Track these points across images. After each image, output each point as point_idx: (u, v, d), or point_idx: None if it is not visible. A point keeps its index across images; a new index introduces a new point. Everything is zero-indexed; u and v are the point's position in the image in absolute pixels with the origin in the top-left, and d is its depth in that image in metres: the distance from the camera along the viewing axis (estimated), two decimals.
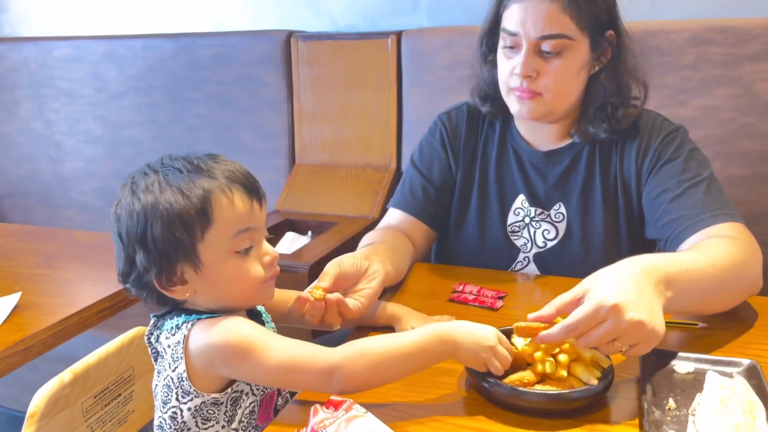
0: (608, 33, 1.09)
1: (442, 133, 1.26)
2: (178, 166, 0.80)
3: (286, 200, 2.00)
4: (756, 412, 0.69)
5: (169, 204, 0.76)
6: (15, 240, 1.47)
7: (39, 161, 2.42)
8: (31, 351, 1.01)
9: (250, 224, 0.79)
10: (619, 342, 0.74)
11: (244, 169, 0.82)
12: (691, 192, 1.06)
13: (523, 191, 1.20)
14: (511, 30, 1.08)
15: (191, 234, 0.76)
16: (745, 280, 0.96)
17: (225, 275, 0.79)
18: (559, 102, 1.11)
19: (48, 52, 2.34)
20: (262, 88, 2.08)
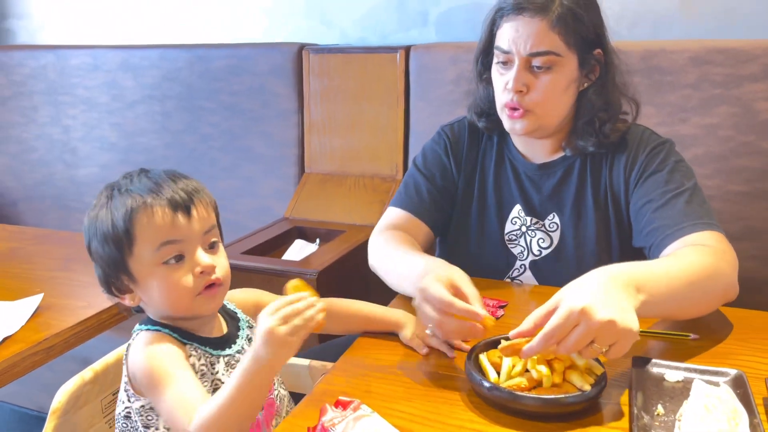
0: (596, 51, 1.15)
1: (446, 144, 1.31)
2: (122, 184, 0.87)
3: (295, 208, 2.05)
4: (739, 419, 0.73)
5: (101, 222, 0.85)
6: (34, 243, 1.53)
7: (55, 166, 2.48)
8: (54, 350, 1.05)
9: (172, 236, 0.83)
10: (597, 343, 0.78)
11: (185, 186, 0.86)
12: (674, 202, 1.10)
13: (519, 201, 1.25)
14: (503, 48, 1.14)
15: (120, 249, 0.84)
16: (718, 286, 1.00)
17: (156, 286, 0.85)
18: (549, 116, 1.16)
19: (66, 60, 2.41)
20: (274, 99, 2.13)
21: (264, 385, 0.77)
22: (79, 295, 1.21)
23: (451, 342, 0.98)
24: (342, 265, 1.66)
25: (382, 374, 0.92)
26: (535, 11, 1.10)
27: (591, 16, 1.13)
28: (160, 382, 0.80)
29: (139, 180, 0.86)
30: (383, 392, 0.87)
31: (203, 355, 0.87)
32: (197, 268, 0.85)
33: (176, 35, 2.45)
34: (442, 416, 0.81)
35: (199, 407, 0.76)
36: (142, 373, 0.83)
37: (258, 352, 0.74)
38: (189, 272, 0.84)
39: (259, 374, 0.75)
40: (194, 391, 0.79)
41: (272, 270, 1.60)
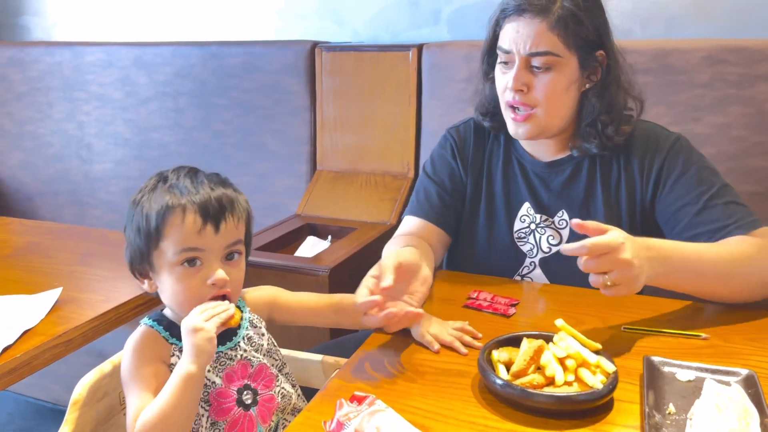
0: (598, 53, 1.16)
1: (453, 147, 1.34)
2: (169, 178, 0.91)
3: (307, 205, 2.06)
4: (750, 419, 0.74)
5: (140, 211, 0.89)
6: (51, 237, 1.55)
7: (70, 161, 2.51)
8: (73, 343, 1.07)
9: (195, 244, 0.88)
10: (609, 275, 0.92)
11: (220, 195, 0.90)
12: (712, 205, 1.13)
13: (528, 199, 1.27)
14: (504, 48, 1.16)
15: (148, 242, 0.89)
16: (756, 273, 1.05)
17: (169, 282, 0.90)
18: (550, 117, 1.17)
19: (81, 56, 2.43)
20: (287, 97, 2.15)
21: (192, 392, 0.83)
22: (97, 289, 1.23)
23: (462, 339, 0.99)
24: (354, 262, 1.67)
25: (396, 370, 0.93)
26: (536, 12, 1.12)
27: (593, 17, 1.14)
28: (129, 383, 0.88)
29: (184, 179, 0.90)
30: (397, 388, 0.88)
31: None
32: (209, 280, 0.89)
33: (189, 32, 2.47)
34: (455, 412, 0.82)
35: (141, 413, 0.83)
36: (123, 368, 0.90)
37: (181, 361, 0.82)
38: (202, 280, 0.89)
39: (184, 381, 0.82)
40: (144, 401, 0.85)
41: (285, 266, 1.62)
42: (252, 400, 0.93)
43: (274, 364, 0.99)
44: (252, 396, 0.93)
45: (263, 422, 0.93)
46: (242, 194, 0.96)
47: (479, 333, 1.02)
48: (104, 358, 1.01)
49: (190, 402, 0.83)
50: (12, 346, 1.00)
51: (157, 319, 0.93)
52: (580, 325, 1.04)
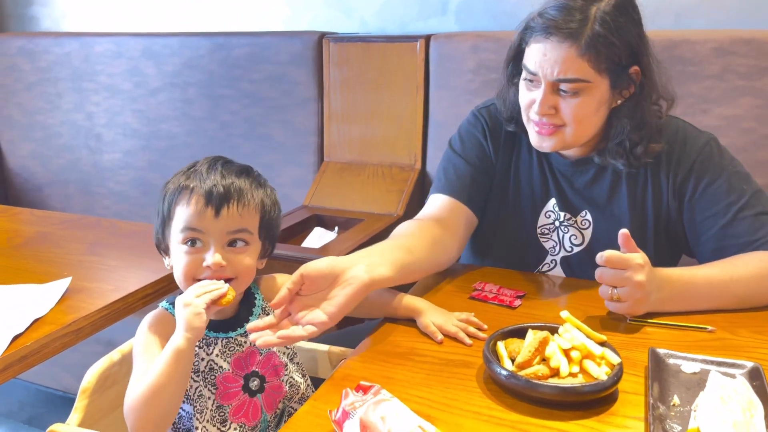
0: (632, 69, 1.09)
1: (484, 126, 1.27)
2: (196, 165, 0.96)
3: (314, 196, 2.07)
4: (754, 411, 0.74)
5: (163, 192, 0.96)
6: (61, 227, 1.56)
7: (79, 152, 2.52)
8: (83, 332, 1.08)
9: (195, 225, 0.92)
10: (617, 290, 0.98)
11: (230, 183, 0.93)
12: (742, 216, 1.10)
13: (554, 195, 1.23)
14: (530, 69, 1.09)
15: (163, 221, 0.95)
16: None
17: (174, 260, 0.95)
18: (578, 137, 1.12)
19: (90, 47, 2.44)
20: (294, 87, 2.15)
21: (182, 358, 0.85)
22: (106, 278, 1.24)
23: (467, 330, 1.00)
24: None
25: (401, 360, 0.94)
26: (564, 36, 1.04)
27: (627, 35, 1.06)
28: (138, 356, 0.91)
29: (203, 165, 0.95)
30: (402, 378, 0.89)
31: (203, 337, 0.93)
32: (205, 262, 0.92)
33: (197, 23, 2.47)
34: (460, 402, 0.83)
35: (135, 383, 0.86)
36: (134, 344, 0.93)
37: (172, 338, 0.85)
38: (200, 260, 0.92)
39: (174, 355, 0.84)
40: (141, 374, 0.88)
41: (292, 257, 1.63)
42: (259, 387, 0.94)
43: (285, 353, 1.00)
44: (259, 383, 0.95)
45: (268, 410, 0.94)
46: (266, 188, 0.99)
47: (484, 324, 1.02)
48: (114, 346, 1.03)
49: (178, 376, 0.85)
50: (22, 334, 1.01)
51: (172, 302, 0.95)
52: (585, 316, 1.05)
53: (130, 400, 0.85)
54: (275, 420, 0.97)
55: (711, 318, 1.03)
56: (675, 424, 0.76)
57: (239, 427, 0.91)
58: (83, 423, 0.93)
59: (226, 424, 0.90)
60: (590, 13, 1.04)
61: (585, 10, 1.04)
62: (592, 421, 0.78)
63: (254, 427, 0.92)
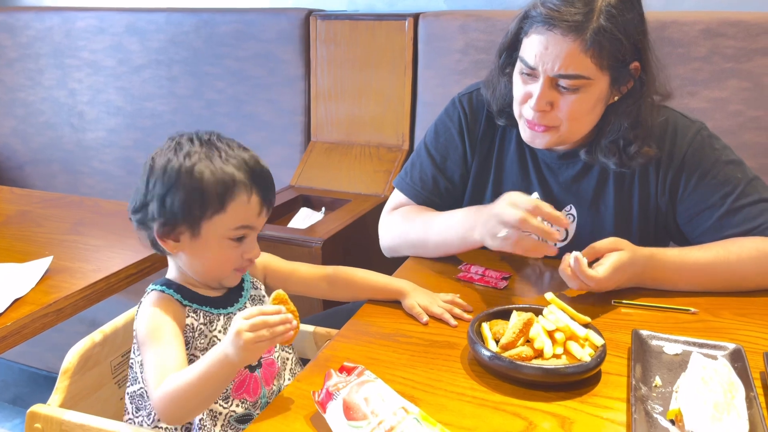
0: (633, 65, 1.05)
1: (461, 119, 1.23)
2: (221, 147, 0.88)
3: (301, 176, 2.05)
4: (735, 392, 0.75)
5: (200, 177, 0.85)
6: (43, 206, 1.54)
7: (62, 129, 2.48)
8: (64, 312, 1.07)
9: (252, 223, 0.89)
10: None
11: (269, 172, 0.90)
12: (738, 206, 1.08)
13: (537, 188, 1.19)
14: (528, 63, 1.04)
15: (203, 210, 0.86)
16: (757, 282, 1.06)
17: (211, 252, 0.89)
18: (572, 134, 1.09)
19: (72, 22, 2.39)
20: (280, 66, 2.12)
21: (226, 376, 0.79)
22: (88, 258, 1.23)
23: (452, 311, 0.99)
24: (347, 234, 1.67)
25: (386, 341, 0.94)
26: (568, 29, 0.99)
27: (631, 31, 1.01)
28: (147, 342, 0.85)
29: (239, 149, 0.88)
30: (386, 359, 0.89)
31: (203, 315, 0.91)
32: (247, 254, 0.90)
33: None
34: (444, 383, 0.83)
35: (169, 376, 0.80)
36: (140, 330, 0.88)
37: (225, 348, 0.77)
38: (240, 253, 0.90)
39: (222, 367, 0.77)
40: (172, 360, 0.83)
41: (278, 237, 1.62)
42: (257, 362, 0.94)
43: None
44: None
45: (266, 384, 0.94)
46: None
47: (470, 306, 1.02)
48: (97, 326, 1.02)
49: (220, 383, 0.81)
50: (2, 314, 1.00)
51: (165, 284, 0.92)
52: (569, 298, 1.05)
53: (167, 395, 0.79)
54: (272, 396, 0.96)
55: (694, 300, 1.04)
56: (657, 405, 0.76)
57: (241, 404, 0.90)
58: (64, 404, 0.93)
59: (229, 400, 0.90)
60: (596, 5, 0.99)
61: (590, 2, 0.99)
62: (575, 402, 0.79)
63: (255, 403, 0.92)
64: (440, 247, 1.17)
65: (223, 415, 0.89)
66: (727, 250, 1.06)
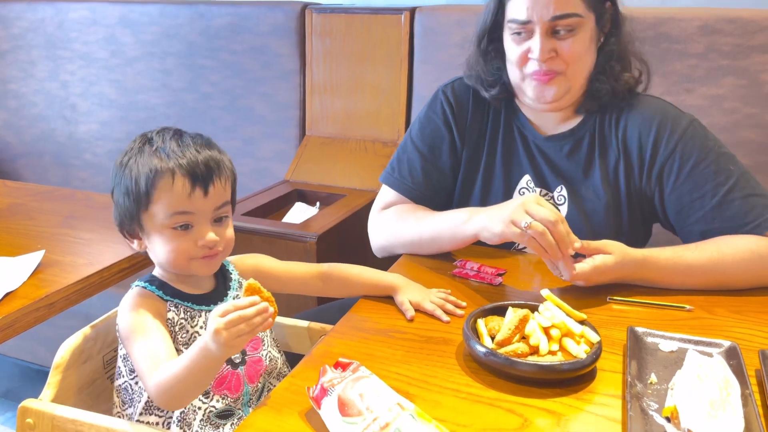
0: (607, 5, 1.14)
1: (445, 110, 1.24)
2: (153, 140, 0.91)
3: (296, 171, 2.04)
4: (731, 389, 0.75)
5: (129, 173, 0.89)
6: (35, 199, 1.52)
7: (54, 122, 2.46)
8: (55, 306, 1.06)
9: (185, 208, 0.88)
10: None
11: (207, 158, 0.89)
12: (730, 198, 1.08)
13: (528, 171, 1.21)
14: (520, 18, 1.09)
15: (138, 203, 0.89)
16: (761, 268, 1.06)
17: (160, 243, 0.90)
18: (576, 78, 1.13)
19: (65, 14, 2.37)
20: (276, 59, 2.10)
21: (212, 368, 0.80)
22: (80, 252, 1.21)
23: (444, 307, 0.99)
24: (342, 229, 1.66)
25: (381, 337, 0.93)
26: None
27: None
28: (132, 335, 0.87)
29: (170, 141, 0.90)
30: (381, 355, 0.88)
31: (184, 310, 0.92)
32: (200, 241, 0.89)
33: None
34: (439, 379, 0.82)
35: (162, 365, 0.82)
36: (123, 326, 0.89)
37: (207, 343, 0.77)
38: (192, 241, 0.89)
39: (206, 360, 0.78)
40: (160, 348, 0.85)
41: (273, 232, 1.61)
42: (240, 360, 0.94)
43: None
44: (241, 356, 0.94)
45: (250, 382, 0.94)
46: (226, 155, 0.95)
47: (463, 302, 1.02)
48: (90, 321, 1.01)
49: (208, 374, 0.82)
50: None
51: (148, 280, 0.94)
52: (565, 295, 1.05)
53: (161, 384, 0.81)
54: (257, 394, 0.96)
55: (689, 297, 1.04)
56: (652, 402, 0.76)
57: (222, 399, 0.91)
58: (56, 398, 0.92)
59: (209, 395, 0.90)
60: None
61: None
62: (570, 399, 0.79)
63: (237, 399, 0.92)
64: (433, 243, 1.17)
65: (203, 410, 0.90)
66: (721, 251, 1.05)
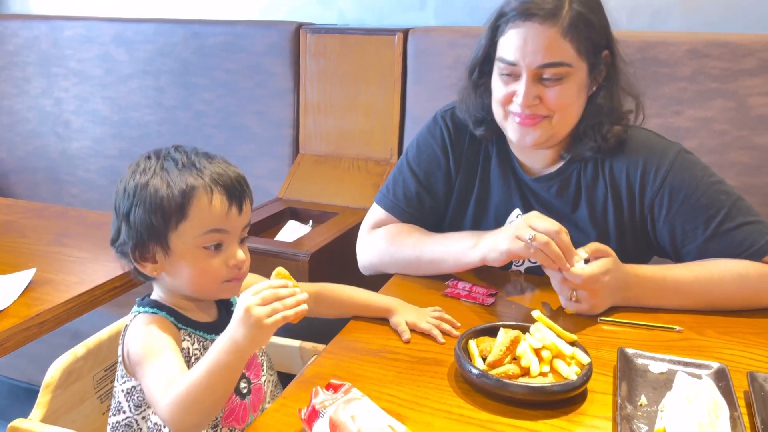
0: (604, 53, 1.09)
1: (444, 136, 1.22)
2: (176, 157, 0.86)
3: (289, 188, 2.05)
4: (719, 412, 0.75)
5: (154, 190, 0.83)
6: (27, 216, 1.52)
7: (47, 138, 2.46)
8: (46, 325, 1.06)
9: (221, 226, 0.84)
10: (577, 293, 1.02)
11: (237, 174, 0.87)
12: (723, 230, 1.07)
13: (518, 206, 1.20)
14: (508, 59, 1.06)
15: (167, 222, 0.83)
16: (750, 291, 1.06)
17: (188, 265, 0.85)
18: (562, 126, 1.10)
19: (59, 31, 2.38)
20: (270, 78, 2.12)
21: (235, 365, 0.75)
22: (72, 270, 1.21)
23: (441, 327, 0.99)
24: (334, 247, 1.67)
25: (373, 358, 0.93)
26: (545, 17, 1.02)
27: (600, 18, 1.07)
28: (147, 358, 0.81)
29: (200, 158, 0.86)
30: (373, 376, 0.88)
31: (197, 340, 0.89)
32: (231, 261, 0.86)
33: (171, 9, 2.42)
34: (431, 401, 0.83)
35: (177, 380, 0.76)
36: (135, 350, 0.84)
37: (233, 332, 0.74)
38: (223, 261, 0.86)
39: (231, 354, 0.74)
40: (176, 370, 0.79)
41: (265, 250, 1.61)
42: (247, 390, 0.92)
43: (263, 353, 0.98)
44: (247, 385, 0.92)
45: (254, 411, 0.92)
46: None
47: (457, 322, 1.02)
48: (80, 339, 1.00)
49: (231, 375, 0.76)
50: None
51: (156, 306, 0.88)
52: (556, 316, 1.05)
53: (176, 399, 0.75)
54: None
55: (678, 318, 1.05)
56: (642, 424, 0.76)
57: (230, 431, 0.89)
58: (46, 418, 0.91)
59: (217, 428, 0.88)
60: None
61: None
62: (561, 421, 0.79)
63: (242, 431, 0.90)
64: (431, 266, 1.17)
65: None
66: (709, 271, 1.06)
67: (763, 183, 1.66)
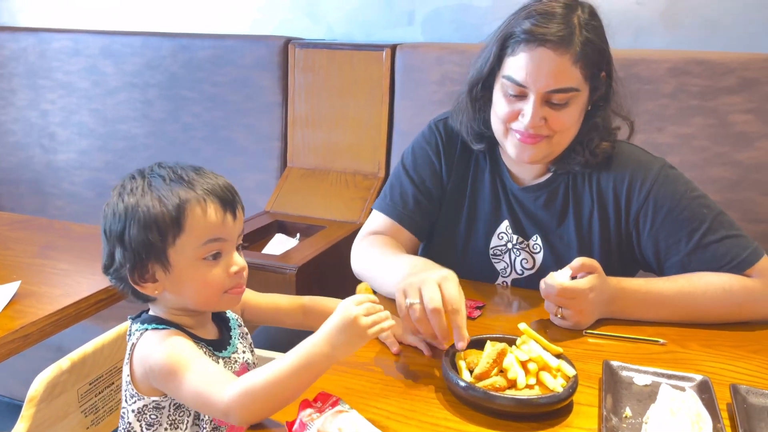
0: (602, 75, 1.11)
1: (438, 142, 1.25)
2: (163, 174, 0.85)
3: (276, 202, 2.05)
4: (703, 424, 0.76)
5: (147, 208, 0.82)
6: (11, 229, 1.51)
7: (32, 150, 2.45)
8: (30, 338, 1.05)
9: (219, 234, 0.83)
10: (562, 309, 1.04)
11: (225, 183, 0.86)
12: (706, 243, 1.09)
13: (507, 217, 1.22)
14: (517, 80, 1.06)
15: (164, 238, 0.82)
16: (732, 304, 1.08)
17: (191, 279, 0.83)
18: (561, 144, 1.12)
19: (47, 43, 2.38)
20: (258, 92, 2.13)
21: (323, 368, 0.76)
22: (57, 283, 1.20)
23: (428, 340, 0.99)
24: (322, 261, 1.67)
25: (360, 371, 0.93)
26: (558, 44, 1.02)
27: (604, 43, 1.09)
28: (182, 365, 0.79)
29: (186, 171, 0.85)
30: (360, 389, 0.88)
31: (210, 356, 0.86)
32: (232, 268, 0.85)
33: (159, 23, 2.43)
34: (418, 414, 0.83)
35: (242, 377, 0.75)
36: (162, 364, 0.80)
37: (331, 338, 0.75)
38: (223, 270, 0.84)
39: (323, 356, 0.75)
40: (220, 368, 0.79)
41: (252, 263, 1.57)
42: None
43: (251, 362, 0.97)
44: None
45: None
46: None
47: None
48: (64, 353, 0.99)
49: (312, 379, 0.76)
50: None
51: (163, 322, 0.85)
52: (542, 328, 1.06)
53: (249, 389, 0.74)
54: None
55: (662, 331, 1.06)
56: None
57: None
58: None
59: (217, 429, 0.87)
60: (573, 20, 1.04)
61: (567, 17, 1.04)
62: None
63: None
64: (381, 291, 1.12)
65: None
66: (692, 284, 1.08)
67: (744, 198, 1.69)
